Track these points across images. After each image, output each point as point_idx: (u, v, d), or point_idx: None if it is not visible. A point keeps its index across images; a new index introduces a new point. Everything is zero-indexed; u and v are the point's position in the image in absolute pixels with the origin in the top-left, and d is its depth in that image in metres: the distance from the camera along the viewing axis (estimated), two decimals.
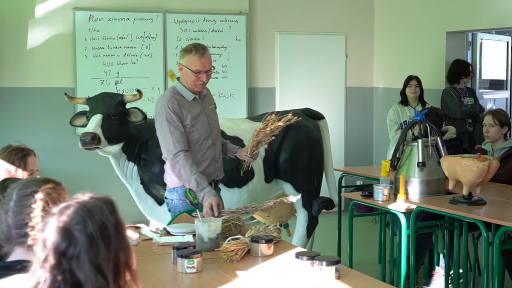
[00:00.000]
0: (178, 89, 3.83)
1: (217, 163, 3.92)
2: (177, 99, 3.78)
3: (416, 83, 6.73)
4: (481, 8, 6.89)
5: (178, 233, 3.44)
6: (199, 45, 3.79)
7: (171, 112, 3.72)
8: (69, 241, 1.55)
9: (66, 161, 6.91)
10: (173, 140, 3.69)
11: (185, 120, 3.77)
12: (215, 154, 3.88)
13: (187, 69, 3.74)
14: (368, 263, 5.86)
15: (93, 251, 1.55)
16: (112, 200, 1.67)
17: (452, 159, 4.07)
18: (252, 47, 7.70)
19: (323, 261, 2.71)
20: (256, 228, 3.32)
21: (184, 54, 3.77)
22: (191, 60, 3.73)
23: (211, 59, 3.82)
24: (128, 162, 4.67)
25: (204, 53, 3.75)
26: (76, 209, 1.59)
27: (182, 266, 2.83)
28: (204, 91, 3.94)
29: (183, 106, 3.78)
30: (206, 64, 3.76)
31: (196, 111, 3.83)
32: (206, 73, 3.76)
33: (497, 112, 5.38)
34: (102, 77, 6.98)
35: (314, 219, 5.36)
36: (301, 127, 5.29)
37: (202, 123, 3.83)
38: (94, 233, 1.57)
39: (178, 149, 3.68)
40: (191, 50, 3.74)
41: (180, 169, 3.66)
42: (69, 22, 6.87)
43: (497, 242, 3.67)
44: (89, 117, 4.50)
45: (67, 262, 1.53)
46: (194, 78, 3.74)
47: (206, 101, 3.94)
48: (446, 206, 4.10)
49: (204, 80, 3.78)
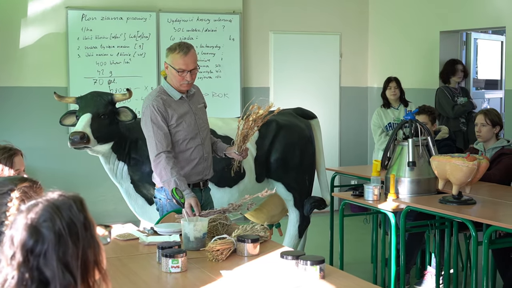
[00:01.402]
0: (165, 88, 3.82)
1: (206, 162, 3.90)
2: (162, 98, 3.77)
3: (395, 84, 6.64)
4: (475, 8, 6.88)
5: (165, 233, 3.43)
6: (184, 44, 3.77)
7: (155, 112, 3.71)
8: (37, 238, 1.54)
9: (59, 160, 6.90)
10: (156, 141, 3.68)
11: (170, 119, 3.75)
12: (204, 153, 3.86)
13: (172, 68, 3.73)
14: (361, 263, 5.84)
15: (61, 248, 1.54)
16: (82, 198, 1.66)
17: (441, 159, 4.06)
18: (246, 46, 7.69)
19: (307, 261, 2.70)
20: (243, 228, 3.31)
21: (169, 53, 3.76)
22: (174, 59, 3.72)
23: (196, 58, 3.79)
24: (118, 162, 4.65)
25: (188, 51, 3.73)
26: (44, 207, 1.58)
27: (167, 266, 2.82)
28: (193, 90, 3.92)
29: (169, 105, 3.77)
30: (190, 63, 3.74)
31: (183, 110, 3.81)
32: (190, 72, 3.74)
33: (489, 111, 5.37)
34: (95, 77, 6.96)
35: (305, 218, 5.35)
36: (292, 127, 5.28)
37: (190, 122, 3.81)
38: (62, 230, 1.56)
39: (159, 150, 3.67)
40: (175, 49, 3.73)
41: (161, 171, 3.65)
42: (61, 21, 6.85)
43: (486, 241, 3.66)
44: (79, 116, 4.48)
45: (35, 259, 1.52)
46: (178, 77, 3.73)
47: (194, 100, 3.92)
48: (436, 205, 4.09)
49: (189, 79, 3.76)
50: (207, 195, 3.97)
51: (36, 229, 1.54)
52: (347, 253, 6.12)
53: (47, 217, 1.56)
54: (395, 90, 6.60)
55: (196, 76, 3.80)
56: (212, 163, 3.98)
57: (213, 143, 4.02)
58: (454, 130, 6.80)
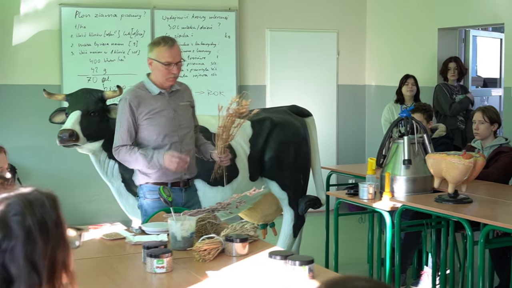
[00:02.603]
0: (144, 83, 3.78)
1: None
2: (139, 93, 3.76)
3: (413, 81, 6.66)
4: (473, 5, 6.80)
5: (152, 232, 3.34)
6: (168, 37, 3.77)
7: (126, 106, 3.72)
8: (5, 232, 1.46)
9: (52, 159, 6.82)
10: (118, 135, 3.75)
11: (143, 114, 3.74)
12: (181, 151, 3.79)
13: (157, 62, 3.69)
14: (357, 263, 5.77)
15: (29, 245, 1.46)
16: (56, 196, 1.58)
17: (437, 156, 3.98)
18: (242, 44, 7.61)
19: (296, 261, 2.62)
20: (233, 227, 3.23)
21: (152, 48, 3.72)
22: (160, 52, 3.68)
23: (180, 50, 3.77)
24: (109, 160, 4.56)
25: (173, 44, 3.71)
26: (16, 200, 1.50)
27: (152, 266, 2.74)
28: (177, 87, 3.86)
29: (144, 100, 3.75)
30: (176, 55, 3.71)
31: (160, 106, 3.77)
32: (176, 65, 3.70)
33: (487, 109, 5.28)
34: (89, 74, 6.88)
35: (300, 218, 5.27)
36: (287, 125, 5.20)
37: (167, 118, 3.76)
38: (32, 227, 1.48)
39: (118, 144, 3.74)
40: (159, 43, 3.69)
41: (126, 160, 3.74)
42: (55, 18, 6.77)
43: (482, 241, 3.57)
44: (68, 114, 4.41)
45: (1, 255, 1.44)
46: (165, 70, 3.69)
47: (176, 97, 3.86)
48: (431, 204, 4.00)
49: (175, 72, 3.73)
50: (191, 195, 3.91)
51: (4, 222, 1.47)
52: (343, 253, 6.05)
53: (17, 211, 1.48)
54: (412, 87, 6.62)
55: (180, 69, 3.75)
56: (193, 162, 3.91)
57: (200, 145, 3.96)
58: (452, 128, 6.72)
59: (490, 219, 3.56)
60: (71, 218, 5.95)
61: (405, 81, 6.66)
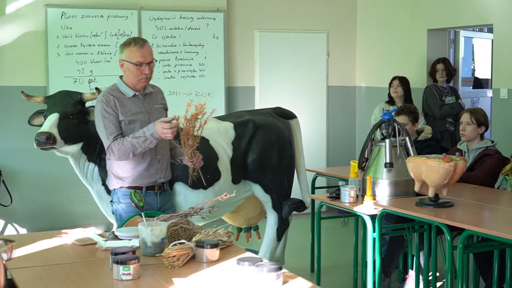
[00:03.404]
0: (118, 86, 3.73)
1: (159, 164, 3.79)
2: (113, 94, 3.72)
3: (398, 82, 6.64)
4: (462, 5, 6.75)
5: (125, 237, 3.29)
6: (138, 38, 3.74)
7: (105, 106, 3.67)
8: None
9: (39, 161, 6.76)
10: (105, 132, 3.67)
11: (119, 115, 3.69)
12: (157, 155, 3.75)
13: (128, 63, 3.64)
14: (342, 266, 5.72)
15: None
16: None
17: (417, 160, 3.93)
18: (230, 45, 7.56)
19: (264, 268, 2.57)
20: (205, 232, 3.18)
21: (123, 48, 3.68)
22: (131, 53, 3.64)
23: (152, 51, 3.73)
24: (88, 163, 4.51)
25: (144, 44, 3.67)
26: None
27: (118, 273, 2.69)
28: (150, 89, 3.81)
29: (120, 102, 3.70)
30: (147, 55, 3.67)
31: (135, 109, 3.73)
32: (148, 65, 3.65)
33: (476, 110, 5.23)
34: (75, 76, 6.84)
35: (284, 221, 5.21)
36: (270, 127, 5.15)
37: (142, 121, 3.71)
38: None
39: (108, 140, 3.67)
40: (130, 43, 3.65)
41: (123, 152, 3.63)
42: (41, 19, 6.73)
43: (460, 246, 3.52)
44: (46, 116, 4.35)
45: None
46: (136, 71, 3.65)
47: (150, 100, 3.81)
48: (412, 208, 3.95)
49: (147, 72, 3.68)
50: (165, 199, 3.86)
51: None
52: (329, 256, 6.02)
53: None
54: (397, 88, 6.62)
55: (153, 70, 3.70)
56: (168, 166, 3.87)
57: (172, 148, 3.92)
58: (441, 130, 6.67)
59: (469, 223, 3.51)
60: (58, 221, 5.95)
61: (391, 82, 6.65)
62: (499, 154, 4.96)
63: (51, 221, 6.73)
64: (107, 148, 3.67)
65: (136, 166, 3.72)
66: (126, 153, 3.63)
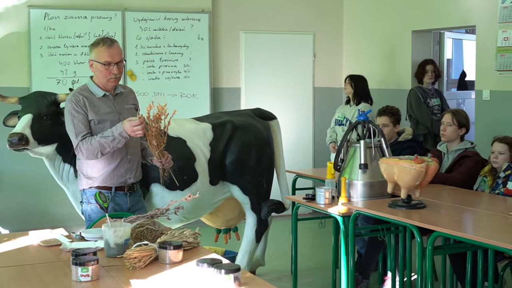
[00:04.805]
0: (88, 86, 3.74)
1: (130, 164, 3.78)
2: (83, 94, 3.72)
3: (348, 80, 6.65)
4: (445, 7, 6.74)
5: (91, 238, 3.27)
6: (107, 38, 3.73)
7: (75, 106, 3.66)
8: None
9: (23, 162, 6.72)
10: (73, 131, 3.67)
11: (89, 115, 3.69)
12: (127, 155, 3.75)
13: (97, 63, 3.65)
14: (323, 268, 5.70)
15: None
16: None
17: (389, 161, 3.91)
18: (215, 46, 7.54)
19: (221, 269, 2.55)
20: (171, 233, 3.16)
21: (92, 49, 3.69)
22: (99, 53, 3.64)
23: (121, 51, 3.74)
24: (63, 164, 4.50)
25: (113, 44, 3.67)
26: None
27: (76, 274, 2.67)
28: (121, 89, 3.81)
29: (90, 102, 3.70)
30: (116, 55, 3.67)
31: (105, 109, 3.72)
32: (117, 65, 3.65)
33: (458, 112, 5.21)
34: (58, 77, 6.82)
35: (263, 222, 5.20)
36: (249, 128, 5.14)
37: (112, 121, 3.70)
38: None
39: (76, 139, 3.66)
40: (98, 43, 3.66)
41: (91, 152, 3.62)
42: (23, 20, 6.70)
43: (429, 248, 3.50)
44: (20, 117, 4.34)
45: None
46: (105, 71, 3.65)
47: (121, 100, 3.81)
48: (384, 210, 3.93)
49: (116, 72, 3.68)
50: (135, 200, 3.85)
51: None
52: (310, 258, 6.01)
53: None
54: (346, 86, 6.64)
55: (123, 70, 3.72)
56: (138, 166, 3.86)
57: (142, 149, 3.89)
58: (425, 133, 6.66)
59: (438, 225, 3.49)
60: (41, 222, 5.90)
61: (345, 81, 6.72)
62: (478, 156, 4.95)
63: (34, 222, 6.69)
64: (76, 147, 3.67)
65: (105, 166, 3.71)
66: (94, 153, 3.62)
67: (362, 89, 6.54)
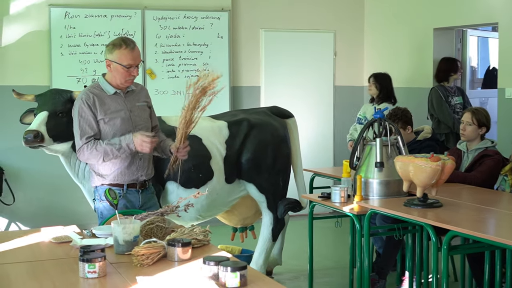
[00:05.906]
0: (99, 83, 3.74)
1: (141, 161, 3.78)
2: (94, 92, 3.73)
3: (371, 80, 6.48)
4: (468, 4, 6.64)
5: (102, 235, 3.27)
6: (128, 39, 3.73)
7: (83, 105, 3.68)
8: None
9: (43, 160, 6.74)
10: (79, 131, 3.69)
11: (99, 113, 3.69)
12: (138, 153, 3.73)
13: (118, 64, 3.64)
14: (341, 267, 5.65)
15: None
16: None
17: (405, 159, 3.85)
18: (235, 44, 7.52)
19: (228, 267, 2.53)
20: (181, 231, 3.15)
21: (113, 49, 3.67)
22: (122, 55, 3.64)
23: (140, 52, 3.75)
24: (79, 161, 4.51)
25: (135, 47, 3.71)
26: None
27: (83, 271, 2.66)
28: (132, 87, 3.81)
29: (100, 100, 3.71)
30: (137, 57, 3.71)
31: (116, 106, 3.73)
32: (136, 67, 3.67)
33: (477, 110, 5.12)
34: (79, 75, 6.85)
35: (280, 221, 5.16)
36: (265, 126, 5.10)
37: (123, 118, 3.71)
38: None
39: (81, 141, 3.68)
40: (120, 45, 3.65)
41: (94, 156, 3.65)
42: (44, 19, 6.75)
43: (445, 247, 3.44)
44: (36, 114, 4.36)
45: None
46: (125, 73, 3.66)
47: (132, 97, 3.81)
48: (400, 209, 3.87)
49: (136, 74, 3.73)
50: (148, 197, 3.84)
51: None
52: (329, 257, 5.96)
53: None
54: (370, 87, 6.45)
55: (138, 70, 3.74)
56: (150, 164, 3.85)
57: (161, 141, 3.88)
58: (446, 132, 6.56)
59: (453, 224, 3.42)
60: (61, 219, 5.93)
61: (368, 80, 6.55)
62: (499, 155, 4.86)
63: (54, 220, 6.71)
64: (79, 148, 3.70)
65: (117, 164, 3.72)
66: (97, 158, 3.67)
67: (387, 88, 6.41)
